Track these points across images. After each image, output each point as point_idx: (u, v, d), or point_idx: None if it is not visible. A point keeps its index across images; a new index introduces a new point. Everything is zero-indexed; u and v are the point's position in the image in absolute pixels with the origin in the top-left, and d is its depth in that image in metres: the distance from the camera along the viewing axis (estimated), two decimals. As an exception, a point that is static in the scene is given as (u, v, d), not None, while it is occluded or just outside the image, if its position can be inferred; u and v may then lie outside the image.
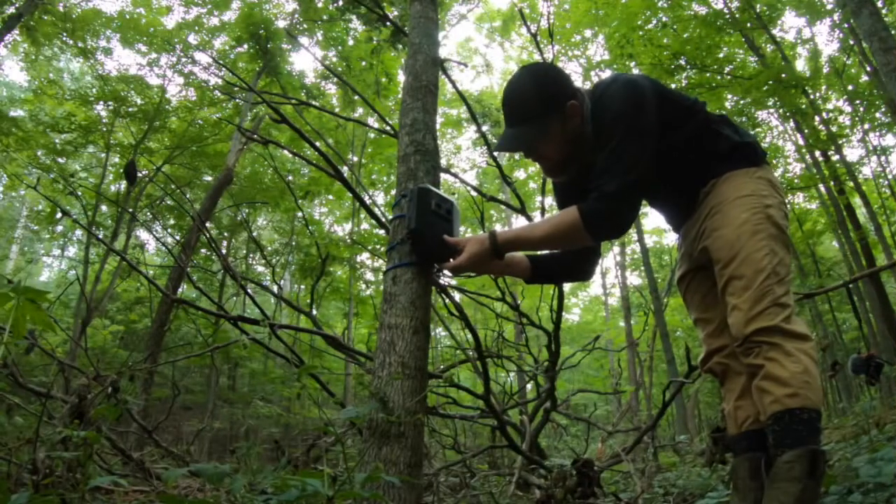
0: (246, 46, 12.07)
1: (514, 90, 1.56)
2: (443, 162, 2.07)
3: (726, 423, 1.66)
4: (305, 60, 28.76)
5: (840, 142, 9.53)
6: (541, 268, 1.75)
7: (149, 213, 12.25)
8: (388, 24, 9.97)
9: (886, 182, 10.64)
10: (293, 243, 15.39)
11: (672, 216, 1.77)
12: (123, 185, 12.61)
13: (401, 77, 13.39)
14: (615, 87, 1.51)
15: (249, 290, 4.13)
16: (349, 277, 14.29)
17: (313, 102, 9.08)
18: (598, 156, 1.50)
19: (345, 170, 8.02)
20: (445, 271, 1.65)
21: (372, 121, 13.77)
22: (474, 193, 3.31)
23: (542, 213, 3.27)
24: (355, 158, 14.35)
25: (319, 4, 12.33)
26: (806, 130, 9.15)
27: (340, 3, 11.63)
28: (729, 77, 9.28)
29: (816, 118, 9.04)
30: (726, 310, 1.49)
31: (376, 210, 2.75)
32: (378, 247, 12.08)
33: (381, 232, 1.72)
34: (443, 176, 2.31)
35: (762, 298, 1.40)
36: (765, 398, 1.37)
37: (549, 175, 1.68)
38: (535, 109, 1.51)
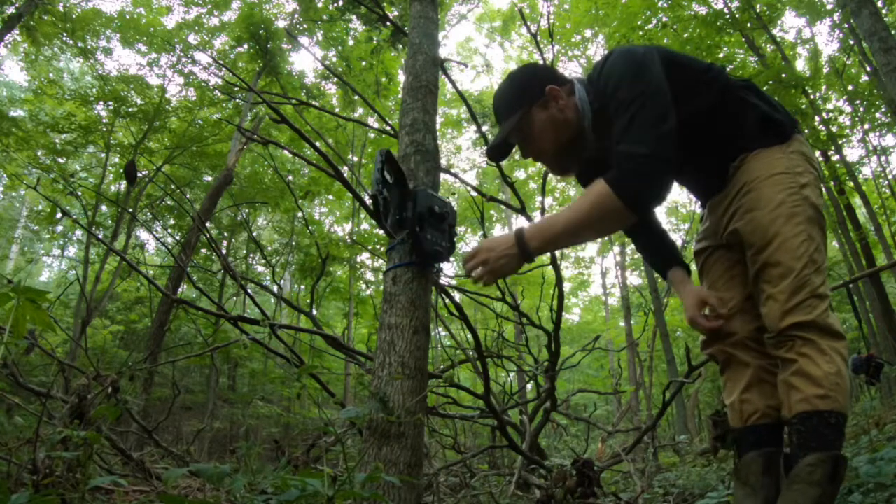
0: (246, 46, 12.07)
1: (496, 95, 1.60)
2: (443, 162, 2.07)
3: (729, 414, 1.58)
4: (305, 60, 28.77)
5: (840, 142, 9.53)
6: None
7: (149, 213, 12.24)
8: (388, 24, 9.97)
9: (886, 182, 10.64)
10: (293, 243, 15.38)
11: (699, 189, 1.67)
12: (123, 185, 12.61)
13: (401, 77, 13.38)
14: (612, 60, 1.46)
15: (249, 290, 4.13)
16: (349, 277, 14.28)
17: (313, 102, 9.08)
18: (614, 129, 1.41)
19: (345, 170, 8.02)
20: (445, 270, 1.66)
21: (372, 121, 13.78)
22: (474, 193, 3.31)
23: (542, 213, 3.27)
24: (355, 158, 14.34)
25: (319, 4, 12.33)
26: (806, 130, 9.15)
27: (340, 3, 11.62)
28: (729, 77, 9.27)
29: (816, 118, 9.03)
30: (757, 296, 1.43)
31: (376, 210, 2.75)
32: (378, 247, 12.07)
33: (381, 232, 1.70)
34: (443, 176, 2.30)
35: (800, 290, 1.33)
36: (793, 395, 1.32)
37: (554, 172, 1.64)
38: (514, 102, 1.53)
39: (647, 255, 1.79)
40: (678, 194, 19.63)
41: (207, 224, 10.33)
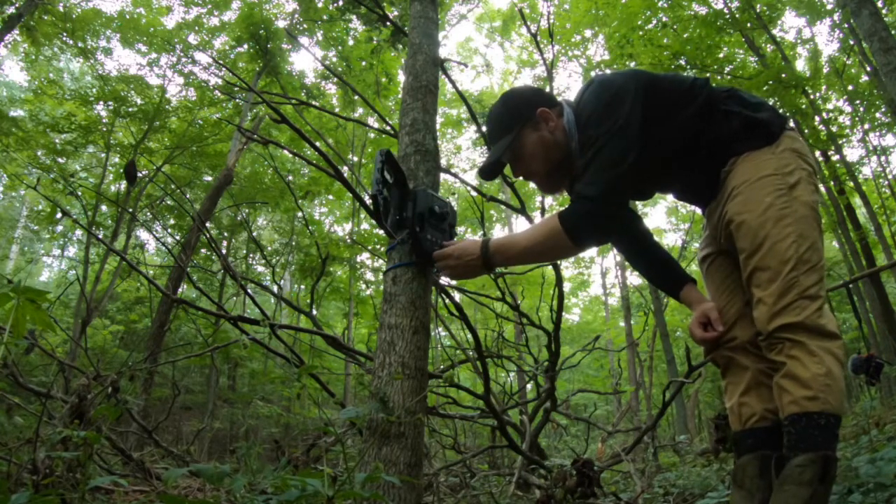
0: (246, 46, 12.07)
1: (488, 116, 1.67)
2: (443, 162, 2.07)
3: (729, 417, 1.60)
4: (305, 60, 28.77)
5: (840, 142, 9.53)
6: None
7: (149, 213, 12.24)
8: (388, 24, 9.97)
9: (886, 182, 10.64)
10: (293, 243, 15.38)
11: (696, 198, 1.70)
12: (123, 185, 12.61)
13: (401, 77, 13.38)
14: (590, 91, 1.55)
15: (249, 290, 4.13)
16: (349, 277, 14.28)
17: (313, 102, 9.08)
18: (578, 164, 1.52)
19: (345, 170, 8.02)
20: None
21: (372, 121, 13.77)
22: (474, 193, 3.31)
23: (542, 213, 3.27)
24: (355, 158, 14.34)
25: (319, 4, 12.33)
26: (806, 130, 9.15)
27: (340, 3, 11.62)
28: (729, 77, 9.28)
29: (816, 118, 9.03)
30: (751, 300, 1.44)
31: (376, 210, 2.74)
32: (378, 247, 12.07)
33: (381, 232, 1.71)
34: (443, 176, 2.30)
35: (788, 291, 1.35)
36: (783, 397, 1.33)
37: (544, 191, 1.73)
38: (505, 123, 1.61)
39: (656, 283, 1.82)
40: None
41: (207, 224, 10.32)
